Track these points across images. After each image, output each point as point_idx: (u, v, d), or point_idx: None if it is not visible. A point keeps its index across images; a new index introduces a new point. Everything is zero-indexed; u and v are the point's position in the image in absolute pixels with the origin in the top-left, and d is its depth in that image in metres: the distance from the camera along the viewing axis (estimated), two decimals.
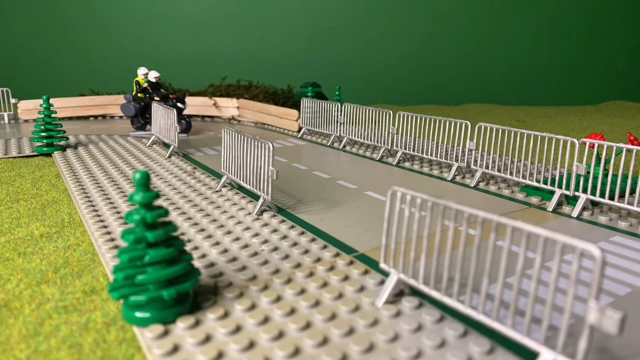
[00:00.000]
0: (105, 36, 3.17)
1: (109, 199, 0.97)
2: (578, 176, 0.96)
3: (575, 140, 0.95)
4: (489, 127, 1.14)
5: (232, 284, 0.61)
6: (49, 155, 1.44)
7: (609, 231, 0.86)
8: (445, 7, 3.45)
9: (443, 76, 3.50)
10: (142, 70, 1.78)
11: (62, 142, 1.51)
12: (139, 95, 1.77)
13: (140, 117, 1.80)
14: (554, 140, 0.99)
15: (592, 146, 0.96)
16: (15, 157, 1.39)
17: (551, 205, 0.96)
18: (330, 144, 1.66)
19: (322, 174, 1.24)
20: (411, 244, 0.55)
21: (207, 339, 0.50)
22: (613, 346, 0.51)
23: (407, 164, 1.36)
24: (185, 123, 1.77)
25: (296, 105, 2.13)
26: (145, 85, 1.76)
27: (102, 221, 0.84)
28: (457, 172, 1.23)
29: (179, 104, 1.68)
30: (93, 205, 0.93)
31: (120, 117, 2.23)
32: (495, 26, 3.51)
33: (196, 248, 0.73)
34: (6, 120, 2.02)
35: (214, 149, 1.54)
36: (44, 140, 1.43)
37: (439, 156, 1.27)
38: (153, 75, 1.74)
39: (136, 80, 1.79)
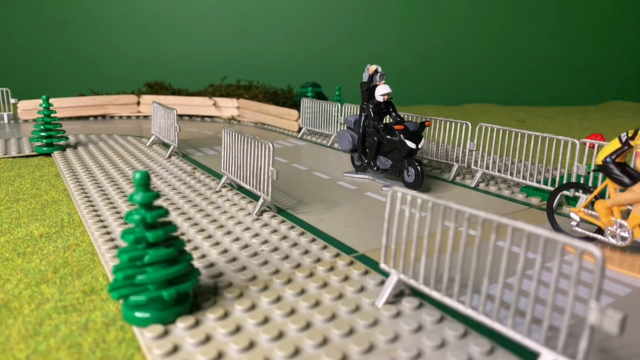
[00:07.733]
0: (105, 36, 3.17)
1: (108, 199, 0.97)
2: (578, 177, 0.95)
3: (576, 141, 0.95)
4: (489, 128, 1.14)
5: (232, 284, 0.61)
6: (48, 155, 1.43)
7: None
8: (446, 8, 3.45)
9: (443, 76, 3.50)
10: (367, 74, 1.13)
11: (62, 142, 1.51)
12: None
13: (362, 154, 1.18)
14: (554, 141, 0.99)
15: (592, 146, 0.96)
16: (14, 157, 1.39)
17: None
18: (330, 144, 1.66)
19: (322, 175, 1.24)
20: (411, 244, 0.55)
21: (207, 339, 0.50)
22: (613, 346, 0.51)
23: None
24: (415, 172, 1.05)
25: (296, 106, 2.13)
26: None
27: (101, 221, 0.84)
28: (457, 172, 1.22)
29: (408, 142, 1.04)
30: (93, 205, 0.93)
31: (120, 117, 2.22)
32: (495, 26, 3.50)
33: (196, 248, 0.73)
34: (6, 120, 2.02)
35: (213, 149, 1.54)
36: (44, 140, 1.43)
37: (439, 157, 1.27)
38: (381, 92, 1.09)
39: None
